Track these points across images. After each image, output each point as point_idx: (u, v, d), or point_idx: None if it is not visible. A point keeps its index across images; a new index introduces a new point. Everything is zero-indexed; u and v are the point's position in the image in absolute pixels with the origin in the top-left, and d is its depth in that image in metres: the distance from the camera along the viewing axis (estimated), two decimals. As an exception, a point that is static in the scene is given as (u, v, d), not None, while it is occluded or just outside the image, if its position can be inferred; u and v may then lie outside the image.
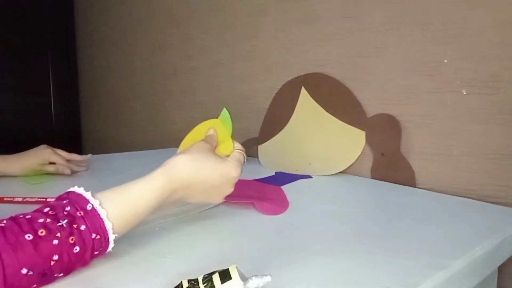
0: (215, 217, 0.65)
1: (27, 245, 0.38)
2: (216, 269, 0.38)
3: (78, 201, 0.44)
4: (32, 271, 0.38)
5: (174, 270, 0.46)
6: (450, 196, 0.79)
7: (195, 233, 0.59)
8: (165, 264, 0.47)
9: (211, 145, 0.58)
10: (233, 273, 0.37)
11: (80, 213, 0.43)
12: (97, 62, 2.03)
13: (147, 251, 0.51)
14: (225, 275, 0.36)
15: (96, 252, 0.45)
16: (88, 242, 0.42)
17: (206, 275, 0.37)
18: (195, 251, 0.51)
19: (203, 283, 0.37)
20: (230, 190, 0.58)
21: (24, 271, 0.38)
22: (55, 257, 0.40)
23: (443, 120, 0.82)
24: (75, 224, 0.42)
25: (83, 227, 0.42)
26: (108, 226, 0.44)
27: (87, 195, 0.45)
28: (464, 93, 0.79)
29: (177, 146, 0.86)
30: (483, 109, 0.76)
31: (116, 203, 0.46)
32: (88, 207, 0.44)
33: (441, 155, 0.83)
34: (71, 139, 2.18)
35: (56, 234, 0.40)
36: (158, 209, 0.51)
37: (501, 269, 0.71)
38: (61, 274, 0.42)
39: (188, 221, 0.63)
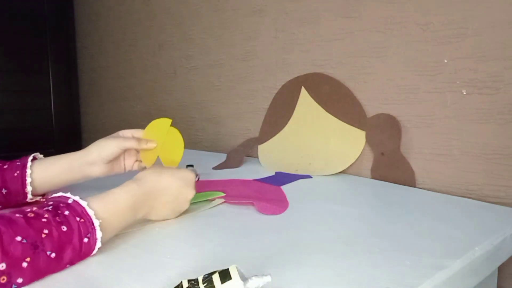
0: (215, 217, 0.65)
1: (19, 220, 0.43)
2: (216, 269, 0.38)
3: (59, 199, 0.49)
4: (26, 240, 0.41)
5: (174, 270, 0.46)
6: (450, 196, 0.79)
7: (195, 233, 0.59)
8: (165, 264, 0.47)
9: None
10: (233, 273, 0.37)
11: (62, 204, 0.47)
12: (97, 62, 2.04)
13: (147, 251, 0.51)
14: (225, 275, 0.37)
15: (86, 240, 0.47)
16: (73, 223, 0.46)
17: (206, 275, 0.37)
18: (195, 251, 0.51)
19: (203, 283, 0.37)
20: (192, 193, 0.63)
21: (19, 238, 0.41)
22: (46, 231, 0.43)
23: (443, 120, 0.82)
24: (59, 210, 0.46)
25: (66, 212, 0.46)
26: (90, 212, 0.48)
27: (67, 194, 0.50)
28: (464, 93, 0.79)
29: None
30: (483, 109, 0.76)
31: (97, 200, 0.51)
32: (69, 201, 0.48)
33: (441, 155, 0.83)
34: (71, 139, 2.19)
35: (44, 215, 0.45)
36: (135, 213, 0.56)
37: (501, 269, 0.71)
38: (53, 255, 0.43)
39: (188, 221, 0.63)
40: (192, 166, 0.97)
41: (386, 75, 0.90)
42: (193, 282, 0.37)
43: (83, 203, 0.48)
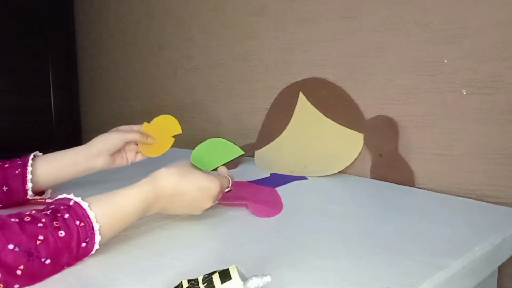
0: (215, 218, 0.65)
1: (13, 225, 0.42)
2: (216, 269, 0.38)
3: (61, 201, 0.48)
4: (19, 248, 0.40)
5: (174, 270, 0.46)
6: (450, 196, 0.79)
7: (195, 233, 0.59)
8: (165, 264, 0.47)
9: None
10: (233, 273, 0.37)
11: (63, 207, 0.46)
12: (97, 62, 2.03)
13: (147, 251, 0.51)
14: (225, 275, 0.37)
15: (84, 244, 0.46)
16: (72, 227, 0.45)
17: (206, 275, 0.37)
18: (195, 251, 0.51)
19: (203, 283, 0.37)
20: (209, 204, 0.60)
21: (11, 246, 0.40)
22: (41, 237, 0.42)
23: (443, 120, 0.82)
24: (59, 213, 0.45)
25: (66, 215, 0.45)
26: (91, 214, 0.47)
27: (70, 196, 0.49)
28: (464, 93, 0.79)
29: (178, 146, 0.86)
30: (483, 109, 0.76)
31: (101, 202, 0.50)
32: (71, 203, 0.47)
33: (441, 155, 0.83)
34: (71, 139, 2.18)
35: (41, 219, 0.44)
36: (143, 215, 0.55)
37: (501, 269, 0.71)
38: (48, 261, 0.43)
39: (188, 221, 0.63)
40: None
41: (386, 75, 0.90)
42: (193, 282, 0.37)
43: (84, 204, 0.47)
